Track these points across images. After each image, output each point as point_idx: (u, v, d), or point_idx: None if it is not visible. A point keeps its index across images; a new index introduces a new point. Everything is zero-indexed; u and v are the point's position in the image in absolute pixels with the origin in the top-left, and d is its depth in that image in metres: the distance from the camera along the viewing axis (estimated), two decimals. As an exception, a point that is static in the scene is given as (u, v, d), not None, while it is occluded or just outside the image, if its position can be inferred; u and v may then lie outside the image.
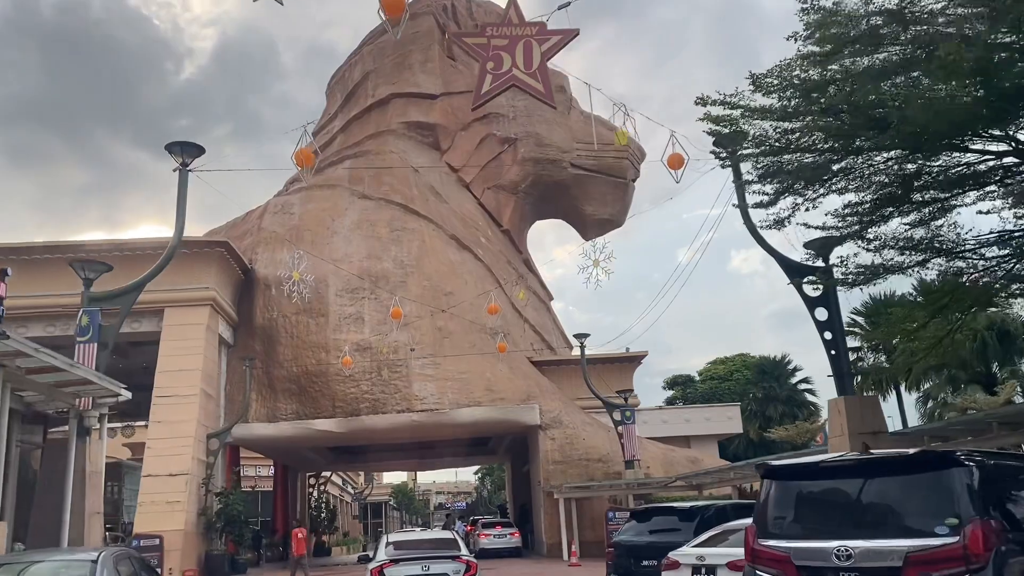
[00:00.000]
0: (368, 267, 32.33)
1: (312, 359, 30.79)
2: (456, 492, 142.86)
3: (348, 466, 48.69)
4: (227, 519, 27.31)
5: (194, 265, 29.15)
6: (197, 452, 27.07)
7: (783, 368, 47.37)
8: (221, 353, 31.38)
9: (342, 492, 72.20)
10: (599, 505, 30.44)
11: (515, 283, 37.23)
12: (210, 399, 28.91)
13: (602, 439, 31.33)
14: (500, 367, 31.85)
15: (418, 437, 33.34)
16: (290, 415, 30.63)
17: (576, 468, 30.57)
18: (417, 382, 30.64)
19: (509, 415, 30.87)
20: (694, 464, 31.12)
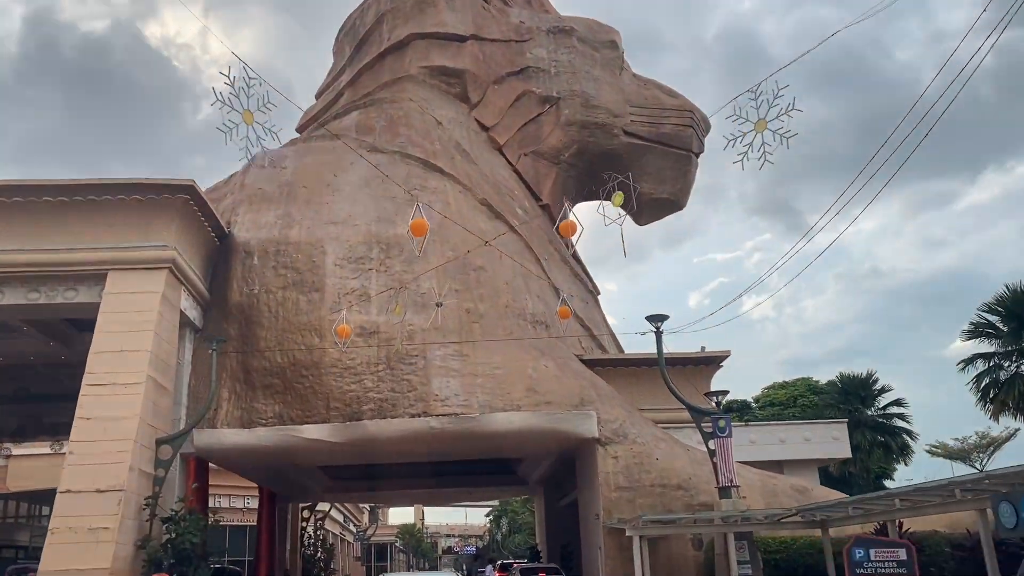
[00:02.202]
0: (377, 232, 25.28)
1: (302, 346, 23.59)
2: (466, 534, 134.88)
3: (346, 495, 41.06)
4: (177, 555, 19.89)
5: (148, 216, 22.20)
6: (139, 462, 19.77)
7: (869, 388, 39.86)
8: (185, 338, 24.22)
9: (343, 531, 64.43)
10: (677, 546, 22.86)
11: (559, 263, 30.13)
12: (163, 393, 21.67)
13: (682, 460, 23.84)
14: (545, 363, 24.54)
15: (436, 451, 25.89)
16: (271, 419, 23.34)
17: (647, 497, 23.04)
18: (438, 378, 23.35)
19: (558, 424, 23.47)
20: (802, 495, 23.54)
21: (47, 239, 21.75)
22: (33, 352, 26.51)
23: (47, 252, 21.66)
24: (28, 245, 21.63)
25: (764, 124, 10.01)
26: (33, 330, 24.68)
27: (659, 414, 26.26)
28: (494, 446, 25.37)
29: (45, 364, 27.71)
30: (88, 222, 21.91)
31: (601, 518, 22.96)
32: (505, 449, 26.56)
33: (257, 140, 9.47)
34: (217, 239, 25.01)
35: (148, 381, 20.50)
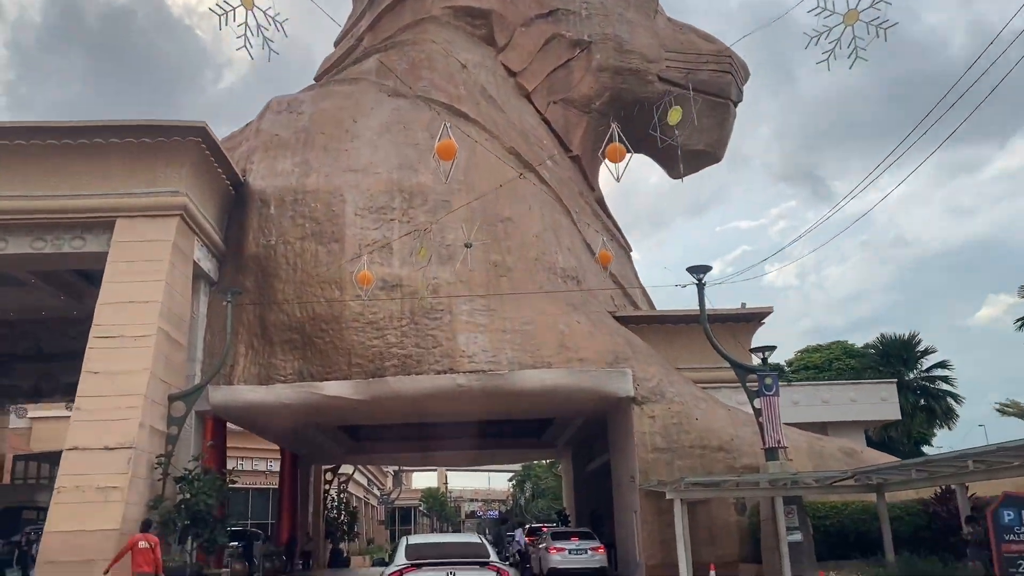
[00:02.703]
0: (399, 180, 23.87)
1: (322, 299, 22.37)
2: (489, 499, 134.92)
3: (370, 458, 40.21)
4: (192, 516, 18.90)
5: (157, 160, 20.95)
6: (150, 418, 18.72)
7: (911, 350, 38.10)
8: (199, 291, 23.10)
9: (367, 494, 64.01)
10: (719, 511, 21.57)
11: (591, 217, 28.63)
12: (176, 347, 20.57)
13: (723, 421, 22.45)
14: (577, 319, 23.16)
15: (462, 411, 24.69)
16: (290, 375, 22.21)
17: (686, 459, 21.72)
18: (464, 333, 22.06)
19: (591, 382, 22.14)
20: (851, 458, 22.11)
21: (52, 185, 20.58)
22: (44, 307, 25.54)
23: (52, 198, 20.51)
24: (32, 191, 20.48)
25: (855, 15, 8.41)
26: (41, 283, 23.66)
27: (697, 373, 24.85)
28: (523, 406, 24.13)
29: (57, 320, 26.75)
30: (94, 167, 20.71)
31: (637, 481, 21.70)
32: (534, 409, 25.33)
33: (258, 29, 8.03)
34: (232, 187, 23.74)
35: (159, 334, 19.37)
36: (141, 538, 13.93)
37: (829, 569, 19.00)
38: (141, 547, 13.76)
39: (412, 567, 10.57)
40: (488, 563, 10.73)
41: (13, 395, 32.83)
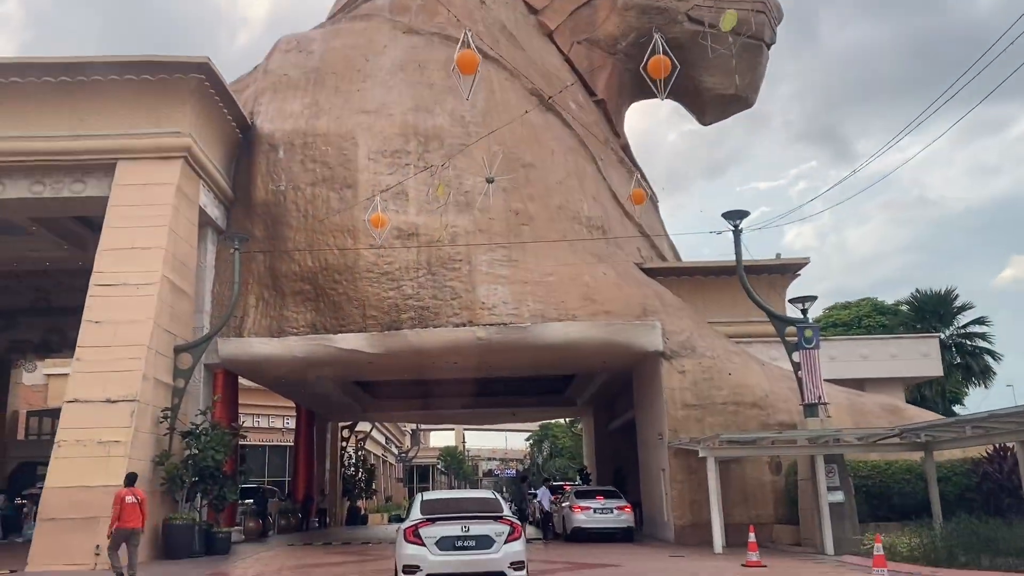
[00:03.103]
0: (415, 123, 22.57)
1: (334, 248, 21.26)
2: (506, 458, 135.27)
3: (387, 415, 39.45)
4: (199, 473, 18.07)
5: (159, 99, 19.76)
6: (155, 370, 17.79)
7: (948, 305, 36.59)
8: (206, 239, 22.06)
9: (385, 452, 63.68)
10: (753, 470, 20.50)
11: (616, 165, 27.25)
12: (181, 296, 19.57)
13: (757, 376, 21.28)
14: (603, 269, 21.94)
15: (482, 365, 23.65)
16: (303, 327, 21.22)
17: (718, 415, 20.62)
18: (484, 285, 20.92)
19: (618, 335, 21.00)
20: (893, 415, 20.92)
21: (50, 125, 19.47)
22: (48, 257, 24.62)
23: (50, 139, 19.42)
24: (29, 132, 19.39)
25: None
26: (43, 230, 22.68)
27: (727, 328, 23.64)
28: (545, 360, 23.06)
29: (63, 272, 25.86)
30: (94, 106, 19.57)
31: (665, 438, 20.65)
32: (557, 365, 24.26)
33: None
34: (239, 131, 22.54)
35: (163, 281, 18.37)
36: (127, 493, 13.08)
37: (870, 531, 17.96)
38: (128, 502, 12.93)
39: (427, 521, 10.75)
40: (501, 517, 10.92)
41: (22, 350, 32.18)
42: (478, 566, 10.48)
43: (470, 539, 10.53)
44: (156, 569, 15.22)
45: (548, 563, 15.64)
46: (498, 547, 10.53)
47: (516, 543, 10.71)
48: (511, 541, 10.64)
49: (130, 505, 12.95)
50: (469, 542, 10.51)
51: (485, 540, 10.55)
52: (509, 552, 10.58)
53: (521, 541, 10.90)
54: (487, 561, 10.48)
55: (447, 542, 10.49)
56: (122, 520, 12.76)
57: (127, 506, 12.92)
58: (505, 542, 10.58)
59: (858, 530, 17.62)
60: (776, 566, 14.36)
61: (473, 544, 10.51)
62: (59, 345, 29.97)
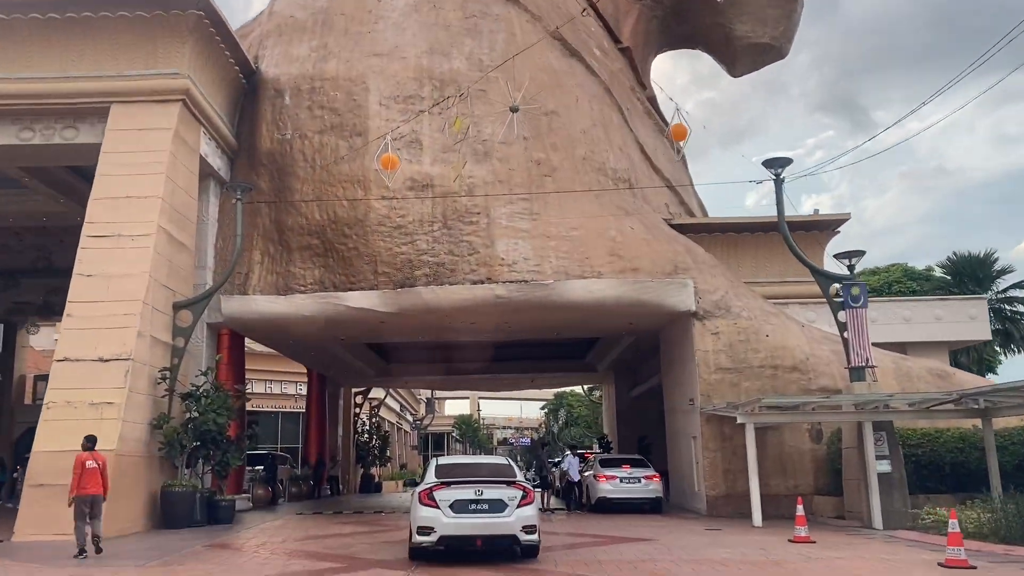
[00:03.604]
0: (430, 67, 21.06)
1: (344, 200, 19.92)
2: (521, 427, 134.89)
3: (401, 380, 38.29)
4: (200, 437, 16.93)
5: (155, 38, 18.35)
6: (151, 327, 16.60)
7: (987, 268, 34.91)
8: (208, 191, 20.78)
9: (399, 420, 62.88)
10: (791, 438, 19.16)
11: (642, 116, 25.65)
12: (180, 250, 18.32)
13: (796, 338, 19.86)
14: (630, 224, 20.49)
15: (501, 326, 22.33)
16: (310, 285, 19.96)
17: (755, 379, 19.26)
18: (504, 239, 19.54)
19: (647, 294, 19.60)
20: (943, 380, 19.50)
21: (38, 65, 18.16)
22: (45, 212, 23.45)
23: (39, 81, 18.11)
24: (16, 73, 18.10)
25: None
26: (37, 183, 21.47)
27: (762, 288, 22.21)
28: (568, 321, 21.72)
29: (63, 230, 24.67)
30: (86, 45, 18.23)
31: (697, 404, 19.32)
32: (580, 326, 22.92)
33: None
34: (243, 76, 21.13)
35: (159, 233, 17.10)
36: (88, 457, 11.97)
37: (920, 504, 16.66)
38: (89, 467, 11.84)
39: (442, 485, 10.96)
40: (514, 482, 11.14)
41: (25, 312, 31.19)
42: (490, 529, 10.70)
43: (483, 503, 10.74)
44: (151, 539, 14.14)
45: (574, 535, 14.43)
46: (510, 511, 10.72)
47: (528, 507, 10.89)
48: (523, 505, 10.83)
49: (91, 470, 11.88)
50: (482, 505, 10.73)
51: (498, 504, 10.74)
52: (521, 516, 10.75)
53: (533, 506, 11.06)
54: (499, 524, 10.69)
55: (461, 505, 10.69)
56: (81, 487, 11.67)
57: (88, 471, 11.85)
58: (518, 506, 10.77)
59: (907, 502, 16.32)
60: (825, 541, 13.06)
61: (486, 507, 10.72)
62: (61, 307, 28.80)
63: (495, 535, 10.75)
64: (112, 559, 11.55)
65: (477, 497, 10.73)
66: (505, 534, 10.72)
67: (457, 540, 10.71)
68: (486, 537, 10.75)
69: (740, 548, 12.29)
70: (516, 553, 11.11)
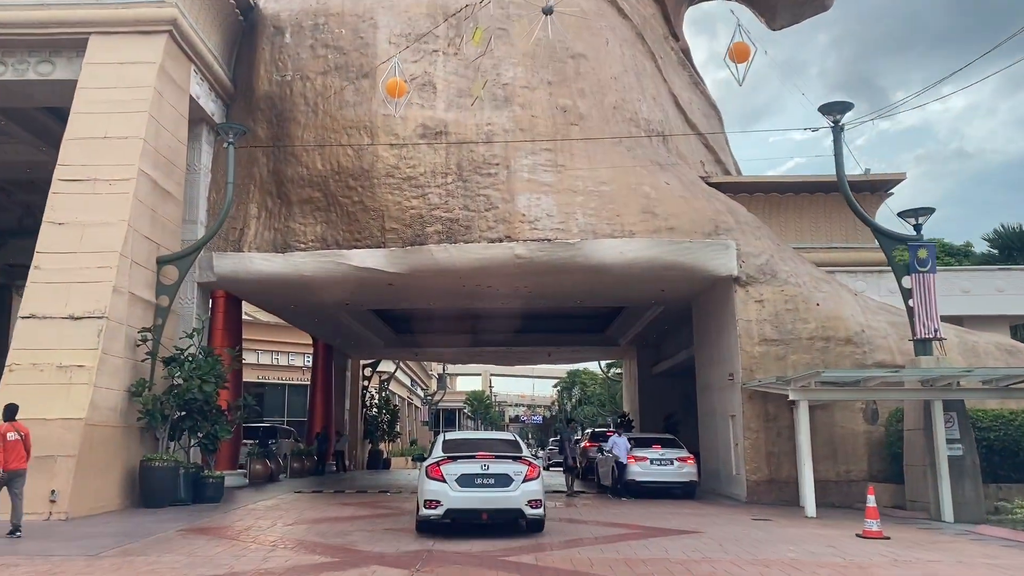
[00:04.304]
0: (444, 1, 18.99)
1: (349, 149, 17.99)
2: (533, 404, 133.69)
3: (411, 352, 36.48)
4: (184, 406, 15.16)
5: (138, -40, 16.32)
6: (130, 283, 14.80)
7: (1030, 240, 32.64)
8: (200, 138, 18.92)
9: (410, 395, 61.33)
10: (843, 418, 17.20)
11: (676, 67, 23.53)
12: (166, 199, 16.47)
13: (850, 308, 17.86)
14: (665, 179, 18.47)
15: (520, 291, 20.41)
16: (311, 242, 18.10)
17: (804, 352, 17.29)
18: (525, 193, 17.57)
19: (684, 256, 17.62)
20: (1012, 355, 17.51)
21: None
22: (25, 162, 21.63)
23: (10, 8, 16.24)
24: None
25: None
26: (14, 126, 19.64)
27: (808, 255, 20.13)
28: (595, 286, 19.77)
29: (45, 183, 22.83)
30: (60, -32, 16.27)
31: (738, 379, 17.38)
32: (607, 293, 20.96)
33: None
34: (240, 12, 19.16)
35: (141, 178, 15.24)
36: (8, 428, 10.31)
37: (992, 494, 14.76)
38: (10, 439, 10.16)
39: (448, 459, 11.13)
40: (520, 458, 11.34)
41: (16, 275, 29.48)
42: (496, 503, 10.82)
43: (489, 477, 10.85)
44: (122, 521, 12.41)
45: (606, 525, 12.60)
46: (516, 486, 10.83)
47: (533, 482, 10.98)
48: (529, 480, 10.92)
49: (12, 443, 10.24)
50: (488, 480, 10.85)
51: (504, 478, 10.85)
52: (527, 491, 10.87)
53: (538, 481, 11.08)
54: (505, 498, 10.80)
55: (467, 479, 10.81)
56: (4, 462, 9.99)
57: (9, 444, 10.20)
58: (523, 481, 10.88)
59: (981, 492, 14.41)
60: (900, 538, 11.17)
61: (492, 482, 10.83)
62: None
63: (500, 509, 10.82)
64: (64, 543, 9.81)
65: (483, 472, 10.83)
66: (510, 508, 10.81)
67: (463, 513, 10.82)
68: (492, 511, 10.83)
69: (805, 545, 10.41)
70: (521, 527, 11.17)
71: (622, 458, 17.70)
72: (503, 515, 10.91)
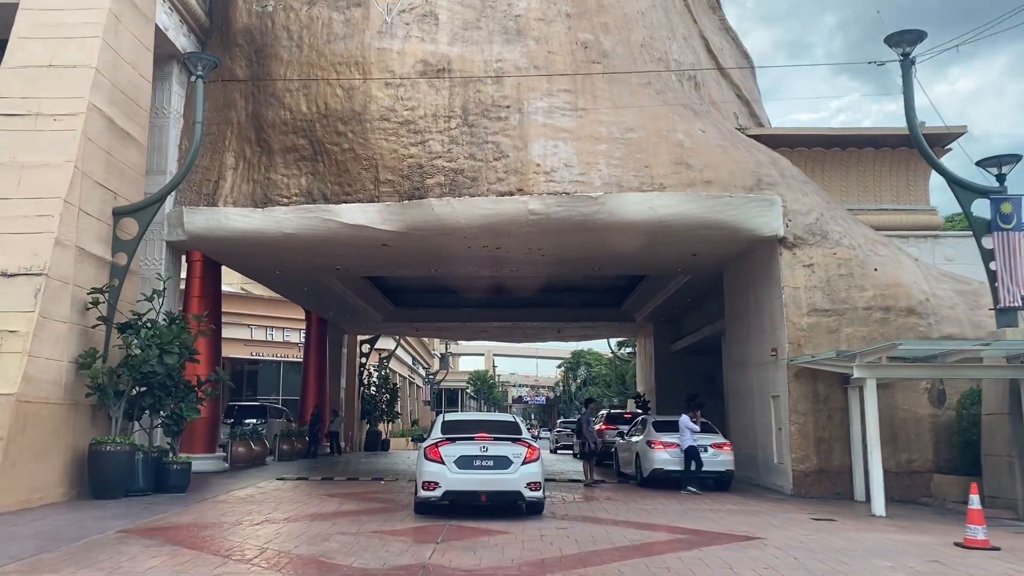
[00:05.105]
0: (450, -78, 16.59)
1: (338, 89, 15.69)
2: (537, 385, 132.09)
3: (411, 327, 34.20)
4: (141, 380, 12.99)
5: None
6: (77, 235, 12.59)
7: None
8: (171, 78, 16.67)
9: (412, 374, 59.26)
10: (905, 400, 15.00)
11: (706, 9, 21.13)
12: (126, 143, 14.21)
13: (912, 274, 15.64)
14: (701, 126, 16.16)
15: (534, 254, 18.12)
16: (296, 195, 15.86)
17: (860, 324, 15.08)
18: (540, 140, 15.28)
19: (723, 212, 15.36)
20: (1100, 330, 15.21)
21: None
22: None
23: (-60, -82, 13.90)
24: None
25: None
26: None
27: (856, 217, 17.85)
28: (616, 250, 17.50)
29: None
30: None
31: (784, 354, 15.16)
32: (631, 257, 18.64)
33: None
34: (215, -65, 16.81)
35: (92, 114, 12.99)
36: None
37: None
38: None
39: (447, 440, 11.01)
40: (520, 439, 11.22)
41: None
42: (495, 485, 10.68)
43: (488, 459, 10.71)
44: (56, 516, 10.25)
45: (639, 527, 10.43)
46: (515, 468, 10.70)
47: (533, 464, 10.83)
48: (528, 463, 10.79)
49: None
50: (487, 462, 10.71)
51: (503, 460, 10.70)
52: (526, 473, 10.74)
53: (538, 463, 10.92)
54: (504, 480, 10.67)
55: (466, 461, 10.68)
56: None
57: None
58: (522, 463, 10.73)
59: (1075, 488, 12.24)
60: (1012, 548, 8.99)
61: (491, 464, 10.70)
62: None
63: (499, 491, 10.67)
64: (-41, 555, 7.65)
65: (482, 453, 10.68)
66: (509, 490, 10.66)
67: (461, 495, 10.69)
68: (490, 493, 10.68)
69: (900, 559, 8.24)
70: (521, 509, 10.99)
71: (689, 441, 15.28)
72: (502, 497, 10.75)
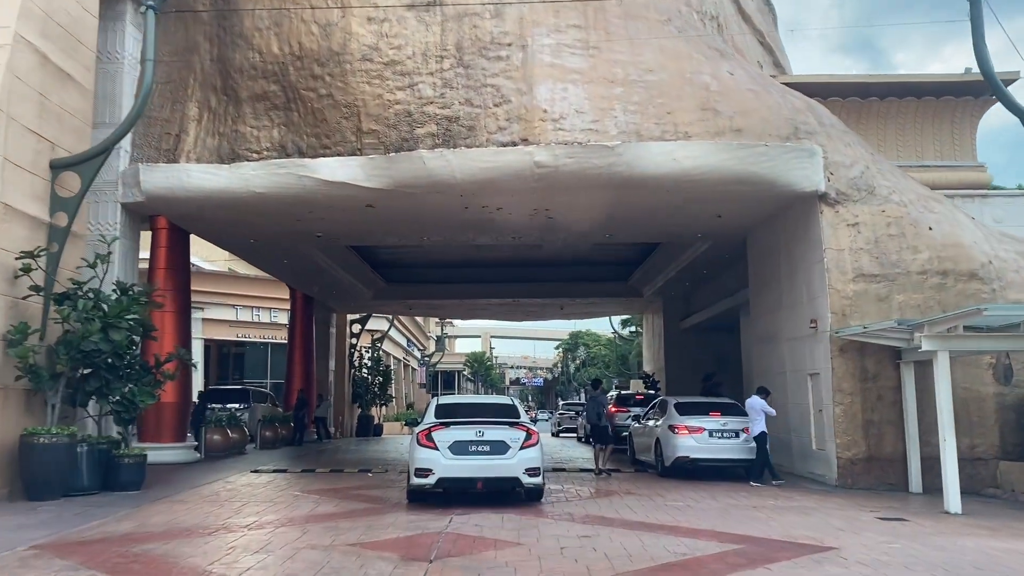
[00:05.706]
0: None
1: (313, 25, 13.66)
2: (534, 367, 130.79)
3: (403, 304, 32.06)
4: (82, 360, 11.04)
5: None
6: (3, 190, 10.59)
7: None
8: (124, 18, 14.66)
9: (407, 356, 57.37)
10: (966, 378, 13.11)
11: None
12: (64, 84, 12.18)
13: (971, 233, 13.75)
14: (729, 68, 14.16)
15: (540, 215, 16.09)
16: (267, 149, 13.86)
17: (914, 290, 13.20)
18: (547, 83, 13.28)
19: (757, 164, 13.42)
20: None
21: None
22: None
23: None
24: None
25: None
26: None
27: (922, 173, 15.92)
28: (633, 210, 15.56)
29: None
30: None
31: (828, 326, 13.27)
32: (647, 220, 16.67)
33: None
34: None
35: (21, 48, 10.98)
36: None
37: None
38: None
39: (441, 425, 10.57)
40: (517, 423, 10.70)
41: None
42: (492, 471, 10.28)
43: (484, 444, 10.33)
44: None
45: (674, 533, 8.58)
46: (513, 453, 10.31)
47: (531, 449, 10.43)
48: (527, 447, 10.38)
49: None
50: (483, 447, 10.33)
51: (500, 445, 10.32)
52: (524, 458, 10.34)
53: (537, 448, 10.50)
54: (501, 466, 10.27)
55: (460, 446, 10.28)
56: None
57: None
58: (520, 448, 10.34)
59: None
60: None
61: (487, 449, 10.31)
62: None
63: (496, 477, 10.28)
64: None
65: (478, 438, 10.30)
66: (507, 476, 10.29)
67: (456, 482, 10.29)
68: (487, 479, 10.29)
69: None
70: (520, 496, 10.63)
71: (760, 426, 13.34)
72: (499, 484, 10.34)
